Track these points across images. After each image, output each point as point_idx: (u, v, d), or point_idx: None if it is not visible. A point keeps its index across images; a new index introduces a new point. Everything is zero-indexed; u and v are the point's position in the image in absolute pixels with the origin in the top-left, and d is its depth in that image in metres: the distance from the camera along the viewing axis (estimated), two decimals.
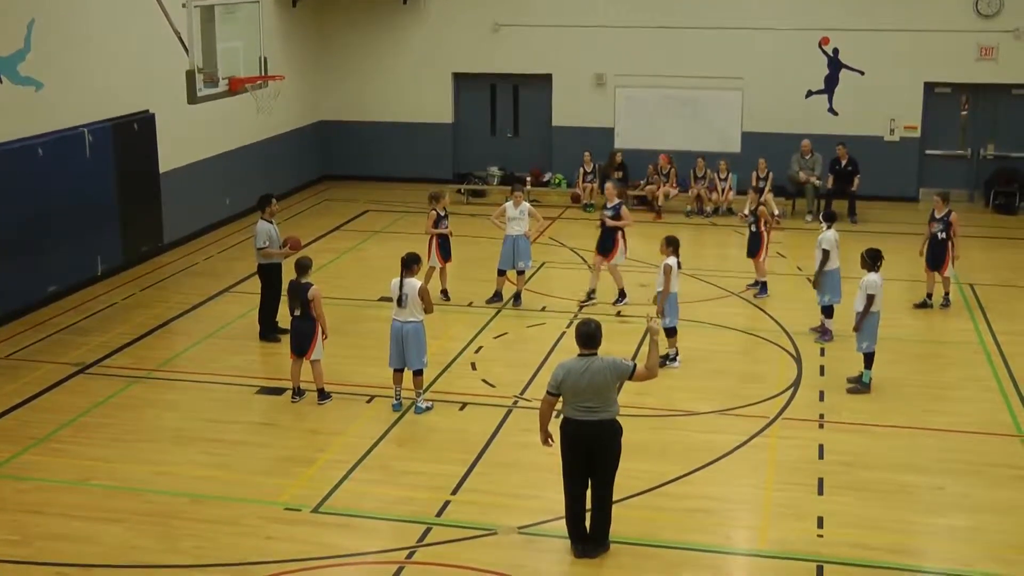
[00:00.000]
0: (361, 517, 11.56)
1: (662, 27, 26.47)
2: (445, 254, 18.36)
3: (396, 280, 13.93)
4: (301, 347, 14.35)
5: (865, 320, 14.61)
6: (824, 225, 16.95)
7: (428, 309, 13.99)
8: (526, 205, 18.49)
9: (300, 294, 14.21)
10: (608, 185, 18.54)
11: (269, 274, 16.78)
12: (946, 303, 18.24)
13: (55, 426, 13.76)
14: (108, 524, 11.36)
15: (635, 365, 10.55)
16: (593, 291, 18.38)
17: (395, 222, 24.34)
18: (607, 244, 18.11)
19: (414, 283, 13.89)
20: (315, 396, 14.45)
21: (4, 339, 16.80)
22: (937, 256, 18.12)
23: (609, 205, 18.15)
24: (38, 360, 16.02)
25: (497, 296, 18.54)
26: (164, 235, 21.70)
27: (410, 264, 13.98)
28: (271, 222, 16.70)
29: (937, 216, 18.14)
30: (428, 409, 14.18)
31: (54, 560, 10.68)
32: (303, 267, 14.41)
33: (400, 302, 13.86)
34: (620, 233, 18.06)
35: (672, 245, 15.61)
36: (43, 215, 18.06)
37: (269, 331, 16.86)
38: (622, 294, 18.19)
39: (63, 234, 18.55)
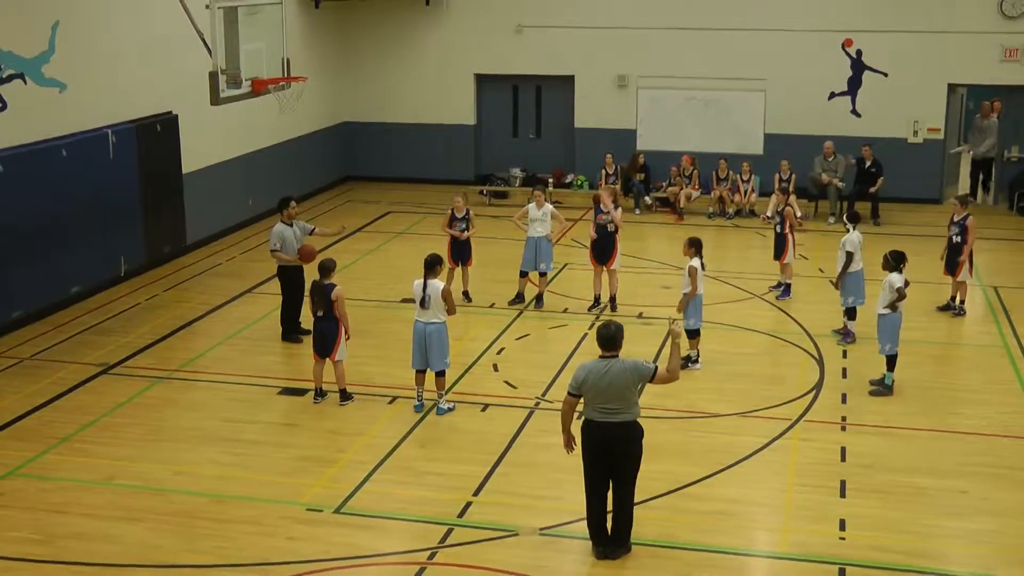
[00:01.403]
0: (383, 518, 11.58)
1: (685, 28, 26.43)
2: (456, 257, 18.24)
3: (419, 281, 13.94)
4: (324, 348, 14.38)
5: (889, 319, 14.56)
6: (848, 227, 16.89)
7: (451, 311, 14.01)
8: (548, 207, 18.43)
9: (323, 295, 14.24)
10: (603, 192, 18.40)
11: (288, 275, 16.84)
12: (960, 312, 18.07)
13: (78, 426, 13.83)
14: (130, 524, 11.41)
15: (656, 367, 10.53)
16: (599, 298, 18.29)
17: (417, 223, 24.36)
18: (608, 251, 17.92)
19: (437, 284, 13.91)
20: (337, 397, 14.48)
21: (28, 339, 16.89)
22: (952, 260, 18.04)
23: (605, 209, 17.91)
24: (61, 360, 16.10)
25: (519, 297, 18.53)
26: (187, 236, 21.78)
27: (433, 265, 14.01)
28: (289, 224, 16.71)
29: (955, 220, 18.06)
30: (450, 410, 14.19)
31: (76, 559, 10.73)
32: (326, 268, 14.44)
33: (423, 303, 13.88)
34: (617, 237, 17.95)
35: (695, 246, 15.56)
36: (67, 216, 18.15)
37: (291, 332, 16.92)
38: (613, 300, 18.12)
39: (86, 235, 18.64)
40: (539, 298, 18.46)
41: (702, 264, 15.53)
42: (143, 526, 11.36)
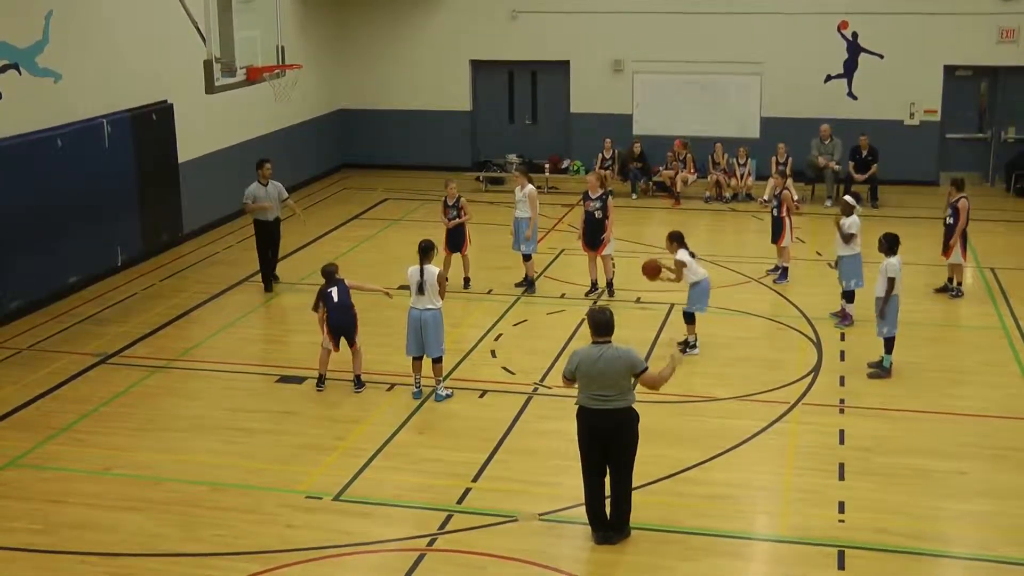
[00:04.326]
0: (382, 505, 11.58)
1: (680, 12, 26.37)
2: (449, 244, 18.21)
3: (415, 268, 13.92)
4: (349, 337, 14.44)
5: (887, 305, 14.56)
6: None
7: (441, 294, 13.99)
8: (529, 188, 18.32)
9: (341, 292, 14.31)
10: (590, 177, 18.31)
11: (262, 228, 18.57)
12: (958, 293, 18.06)
13: (76, 416, 13.83)
14: (129, 513, 11.41)
15: (647, 368, 10.47)
16: (596, 283, 18.27)
17: (414, 210, 24.33)
18: (597, 238, 17.85)
19: (432, 269, 13.90)
20: (337, 384, 14.48)
21: (26, 330, 16.88)
22: (944, 242, 18.08)
23: (593, 196, 17.80)
24: (59, 350, 16.09)
25: (523, 280, 18.54)
26: (183, 225, 21.75)
27: (428, 251, 14.00)
28: (264, 184, 18.36)
29: (950, 202, 18.07)
30: (449, 396, 14.18)
31: (76, 549, 10.74)
32: (330, 273, 14.51)
33: (420, 289, 13.85)
34: (607, 224, 17.85)
35: (676, 240, 15.55)
36: (63, 206, 18.12)
37: (269, 281, 18.67)
38: (610, 286, 18.10)
39: (83, 225, 18.61)
40: (528, 283, 18.41)
41: (691, 253, 15.53)
42: (142, 515, 11.36)
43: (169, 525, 11.17)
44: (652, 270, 15.51)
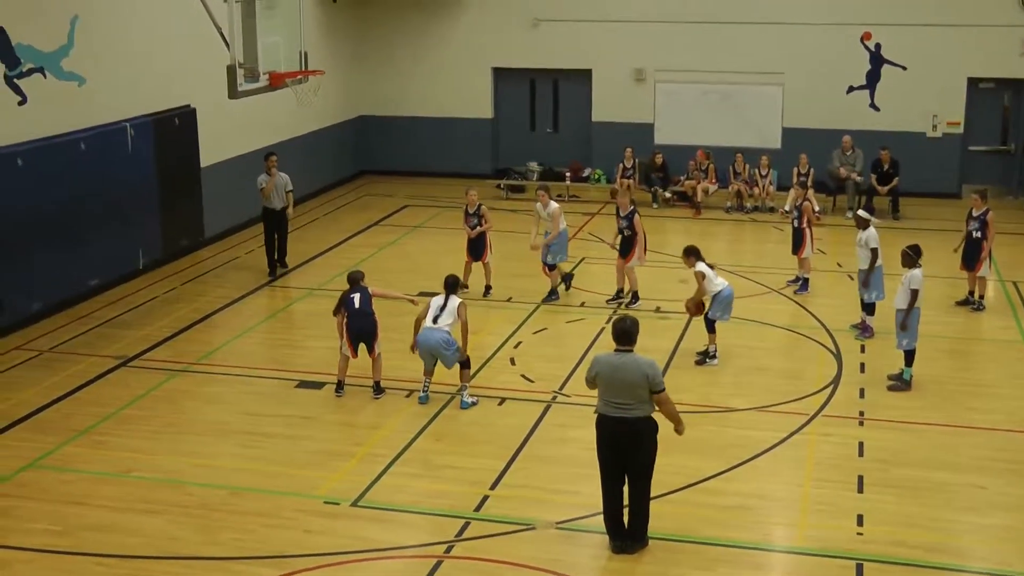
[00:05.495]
0: (400, 511, 11.58)
1: (702, 22, 26.34)
2: (471, 252, 18.43)
3: (440, 297, 14.01)
4: (369, 344, 14.45)
5: (909, 317, 14.51)
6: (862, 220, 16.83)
7: (464, 327, 14.02)
8: (553, 205, 18.33)
9: (363, 299, 14.34)
10: (621, 199, 18.27)
11: (270, 217, 19.99)
12: (980, 306, 17.97)
13: (97, 419, 13.88)
14: (148, 516, 11.45)
15: (664, 389, 10.42)
16: (621, 290, 18.28)
17: (434, 217, 24.35)
18: (627, 249, 17.97)
19: (456, 299, 14.03)
20: (356, 391, 14.49)
21: (47, 332, 16.95)
22: (971, 255, 17.90)
23: (622, 214, 17.92)
24: (80, 353, 16.15)
25: (564, 284, 18.66)
26: (205, 229, 21.82)
27: (453, 286, 14.18)
28: (269, 174, 19.74)
29: (975, 214, 17.95)
30: (474, 404, 14.17)
31: (95, 551, 10.77)
32: (355, 279, 14.55)
33: (436, 320, 13.91)
34: (635, 240, 17.91)
35: (693, 254, 15.63)
36: (85, 209, 18.19)
37: (276, 265, 20.00)
38: (635, 296, 18.10)
39: (105, 228, 18.68)
40: (552, 291, 18.44)
41: (709, 265, 15.55)
42: (161, 518, 11.40)
43: (188, 529, 11.20)
44: (696, 307, 15.69)
